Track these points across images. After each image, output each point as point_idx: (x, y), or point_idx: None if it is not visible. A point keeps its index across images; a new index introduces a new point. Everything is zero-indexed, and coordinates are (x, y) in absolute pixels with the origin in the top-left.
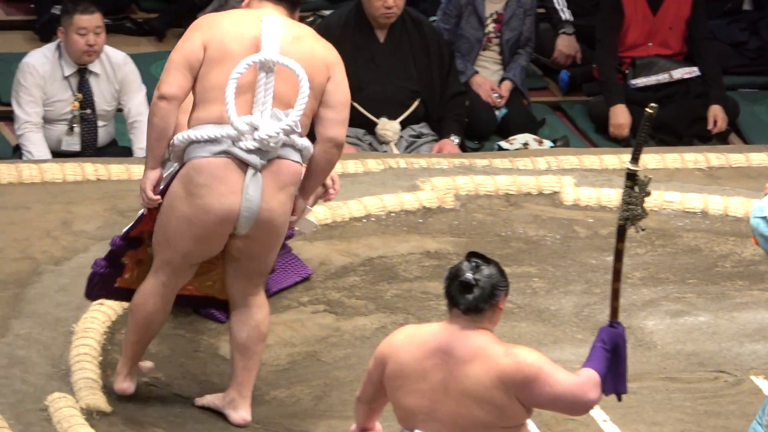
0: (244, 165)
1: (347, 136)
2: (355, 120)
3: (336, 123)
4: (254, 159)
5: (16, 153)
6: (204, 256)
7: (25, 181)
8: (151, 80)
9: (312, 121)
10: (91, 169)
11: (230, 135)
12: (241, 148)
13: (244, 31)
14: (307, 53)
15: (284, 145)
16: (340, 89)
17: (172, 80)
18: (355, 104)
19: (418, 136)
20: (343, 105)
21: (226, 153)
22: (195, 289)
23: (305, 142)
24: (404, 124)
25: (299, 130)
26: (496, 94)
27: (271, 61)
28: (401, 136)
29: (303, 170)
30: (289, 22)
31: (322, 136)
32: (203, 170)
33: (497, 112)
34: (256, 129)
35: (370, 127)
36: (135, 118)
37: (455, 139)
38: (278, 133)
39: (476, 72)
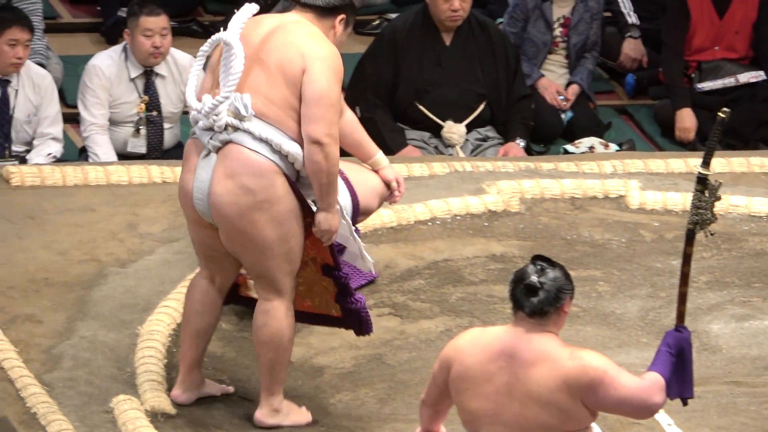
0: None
1: (413, 139)
2: (421, 123)
3: (308, 119)
4: (204, 137)
5: (81, 155)
6: (208, 245)
7: (91, 183)
8: None
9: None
10: (157, 172)
11: (193, 115)
12: (198, 128)
13: (249, 31)
14: (281, 42)
15: (239, 130)
16: (313, 83)
17: None
18: (421, 107)
19: (484, 140)
20: (315, 100)
21: (193, 133)
22: (313, 307)
23: (274, 134)
24: (470, 128)
25: (246, 113)
26: (561, 97)
27: (223, 40)
28: (467, 139)
29: (270, 165)
30: (286, 19)
31: (302, 134)
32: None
33: (563, 116)
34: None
35: (435, 131)
36: None
37: (521, 143)
38: (213, 108)
39: (542, 75)
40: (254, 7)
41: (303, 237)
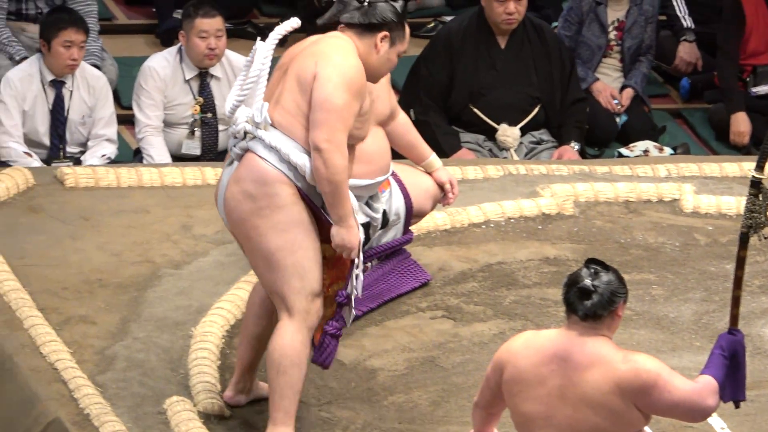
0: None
1: (467, 141)
2: (475, 126)
3: (311, 124)
4: (230, 143)
5: (136, 156)
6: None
7: (145, 184)
8: None
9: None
10: (211, 173)
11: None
12: (230, 135)
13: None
14: (308, 52)
15: (255, 137)
16: (319, 88)
17: None
18: (475, 110)
19: (538, 143)
20: (319, 104)
21: None
22: None
23: (284, 144)
24: (524, 131)
25: (259, 120)
26: (616, 101)
27: (255, 49)
28: (521, 142)
29: (276, 173)
30: (326, 35)
31: None
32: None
33: (617, 119)
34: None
35: (490, 133)
36: None
37: (575, 146)
38: (231, 113)
39: (597, 79)
40: (296, 22)
41: (317, 252)
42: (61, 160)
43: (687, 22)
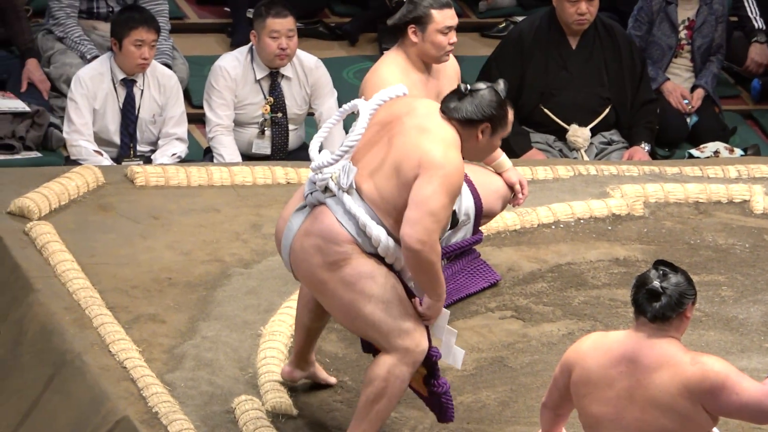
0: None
1: (537, 142)
2: (546, 126)
3: (405, 220)
4: (307, 189)
5: (206, 156)
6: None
7: (216, 183)
8: (343, 85)
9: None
10: (281, 173)
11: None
12: (309, 178)
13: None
14: (412, 140)
15: (333, 195)
16: (418, 188)
17: None
18: (546, 110)
19: (609, 143)
20: (416, 203)
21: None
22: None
23: (363, 213)
24: (595, 131)
25: (345, 184)
26: (686, 101)
27: (357, 106)
28: (591, 143)
29: (348, 237)
30: (432, 109)
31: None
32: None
33: (688, 120)
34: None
35: (560, 134)
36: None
37: (646, 147)
38: (320, 166)
39: (667, 79)
40: (403, 89)
41: (395, 291)
42: (131, 158)
43: (758, 23)
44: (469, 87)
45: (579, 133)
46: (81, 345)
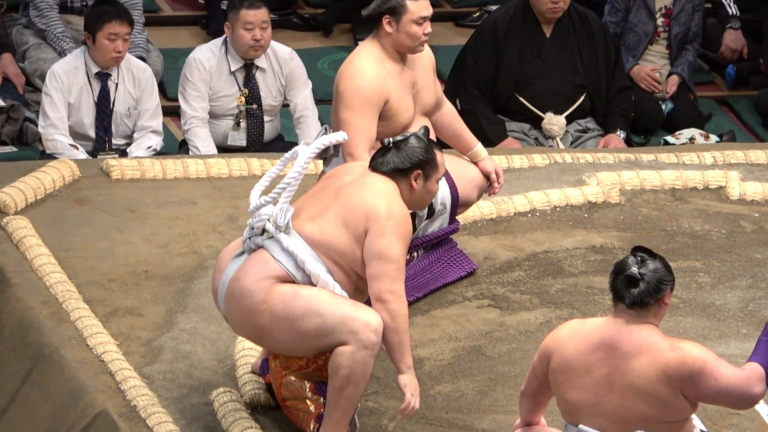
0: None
1: (513, 130)
2: (522, 114)
3: (369, 278)
4: (245, 235)
5: (182, 148)
6: None
7: (191, 176)
8: (317, 76)
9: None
10: (257, 164)
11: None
12: (248, 224)
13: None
14: (355, 195)
15: (271, 237)
16: (374, 244)
17: None
18: (521, 99)
19: (584, 131)
20: (375, 259)
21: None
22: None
23: (302, 251)
24: (570, 119)
25: (281, 223)
26: (659, 80)
27: (295, 151)
28: (567, 131)
29: (284, 275)
30: (371, 173)
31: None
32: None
33: (663, 107)
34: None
35: (536, 122)
36: (302, 113)
37: (621, 134)
38: (256, 207)
39: (636, 63)
40: (342, 136)
41: (325, 299)
42: (106, 152)
43: (732, 9)
44: (392, 140)
45: (554, 121)
46: (58, 339)
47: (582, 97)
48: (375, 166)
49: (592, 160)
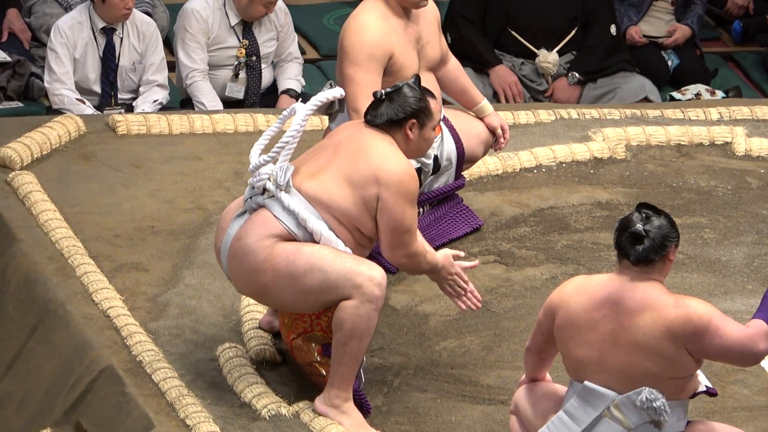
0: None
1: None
2: (514, 48)
3: (386, 245)
4: (246, 194)
5: (184, 107)
6: None
7: (197, 131)
8: (323, 31)
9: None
10: (263, 120)
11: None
12: (248, 184)
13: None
14: (358, 154)
15: (273, 196)
16: (389, 214)
17: None
18: (513, 33)
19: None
20: (392, 231)
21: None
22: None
23: (303, 209)
24: (562, 53)
25: (282, 182)
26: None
27: (293, 108)
28: (560, 64)
29: (285, 233)
30: (366, 129)
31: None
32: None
33: (669, 63)
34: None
35: (528, 57)
36: (285, 61)
37: (572, 78)
38: (256, 167)
39: (630, 24)
40: (341, 91)
41: (327, 255)
42: (112, 107)
43: None
44: (383, 92)
45: (549, 59)
46: (64, 294)
47: (573, 30)
48: (369, 119)
49: (597, 115)
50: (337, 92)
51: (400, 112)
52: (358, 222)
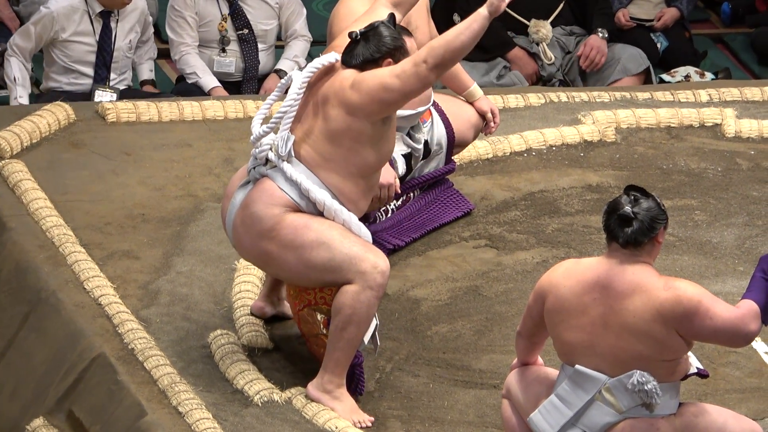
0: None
1: None
2: (505, 22)
3: (399, 71)
4: (249, 164)
5: (179, 84)
6: None
7: (187, 118)
8: (312, 16)
9: None
10: (252, 106)
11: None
12: (252, 154)
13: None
14: (330, 94)
15: (274, 166)
16: (377, 78)
17: None
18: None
19: (570, 34)
20: (390, 71)
21: None
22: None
23: (305, 179)
24: (554, 24)
25: (283, 152)
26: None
27: (290, 77)
28: (554, 36)
29: (289, 202)
30: (345, 71)
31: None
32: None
33: (658, 45)
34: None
35: (519, 30)
36: (293, 36)
37: (602, 33)
38: (258, 137)
39: (620, 7)
40: (335, 56)
41: (336, 234)
42: (105, 89)
43: None
44: (359, 32)
45: (541, 26)
46: (55, 282)
47: (562, 4)
48: (345, 60)
49: (587, 98)
50: (331, 57)
51: (375, 52)
52: (358, 163)
